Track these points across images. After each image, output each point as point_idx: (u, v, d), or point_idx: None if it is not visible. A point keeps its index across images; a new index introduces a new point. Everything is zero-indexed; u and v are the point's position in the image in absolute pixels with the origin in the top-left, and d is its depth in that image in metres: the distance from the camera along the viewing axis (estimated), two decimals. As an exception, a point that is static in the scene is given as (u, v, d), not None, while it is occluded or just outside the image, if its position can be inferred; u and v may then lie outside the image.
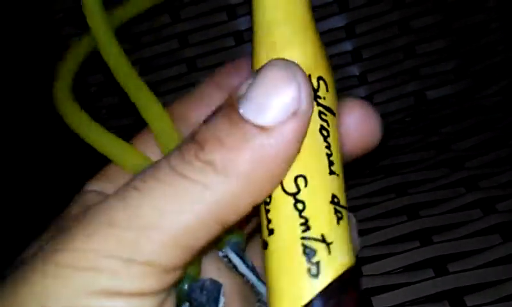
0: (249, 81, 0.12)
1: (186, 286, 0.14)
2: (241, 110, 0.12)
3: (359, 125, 0.14)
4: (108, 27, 0.16)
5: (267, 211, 0.12)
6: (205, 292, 0.14)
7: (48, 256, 0.12)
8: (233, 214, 0.12)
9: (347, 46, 0.42)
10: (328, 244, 0.12)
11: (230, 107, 0.12)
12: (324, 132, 0.12)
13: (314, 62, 0.13)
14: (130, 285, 0.11)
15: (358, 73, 0.42)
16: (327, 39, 0.42)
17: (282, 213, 0.12)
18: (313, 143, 0.12)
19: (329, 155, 0.12)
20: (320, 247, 0.12)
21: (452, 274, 0.28)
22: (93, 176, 0.16)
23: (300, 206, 0.12)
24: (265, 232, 0.12)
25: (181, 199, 0.11)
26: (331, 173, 0.12)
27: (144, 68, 0.43)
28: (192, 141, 0.12)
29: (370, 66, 0.42)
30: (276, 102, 0.11)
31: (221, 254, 0.16)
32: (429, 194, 0.33)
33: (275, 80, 0.12)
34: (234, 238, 0.16)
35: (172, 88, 0.42)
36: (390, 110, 0.42)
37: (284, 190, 0.12)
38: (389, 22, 0.42)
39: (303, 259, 0.12)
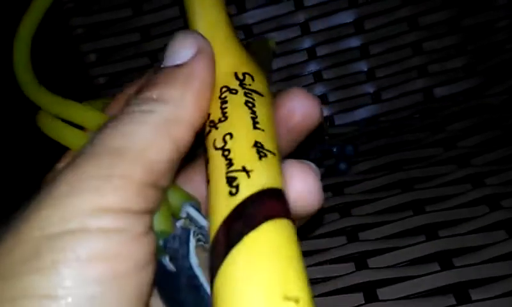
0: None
1: (161, 242, 0.16)
2: (162, 65, 0.17)
3: (300, 105, 0.18)
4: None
5: (207, 168, 0.16)
6: (177, 239, 0.16)
7: (42, 189, 0.14)
8: (180, 128, 0.15)
9: (356, 42, 0.42)
10: (248, 172, 0.15)
11: (154, 68, 0.17)
12: (249, 104, 0.16)
13: (239, 63, 0.18)
14: (114, 199, 0.14)
15: (366, 69, 0.42)
16: (335, 35, 0.42)
17: (214, 164, 0.15)
18: (239, 111, 0.16)
19: (253, 118, 0.16)
20: (240, 175, 0.15)
21: (458, 268, 0.28)
22: None
23: (226, 153, 0.15)
24: (207, 182, 0.16)
25: (137, 125, 0.15)
26: (256, 128, 0.16)
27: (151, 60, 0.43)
28: (133, 94, 0.16)
29: (379, 63, 0.42)
30: (183, 46, 0.17)
31: (183, 215, 0.17)
32: (435, 190, 0.33)
33: (180, 36, 0.17)
34: (183, 198, 0.17)
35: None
36: (397, 107, 0.42)
37: (215, 147, 0.16)
38: (398, 18, 0.42)
39: (226, 185, 0.15)
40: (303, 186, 0.16)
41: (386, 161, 0.37)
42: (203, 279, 0.15)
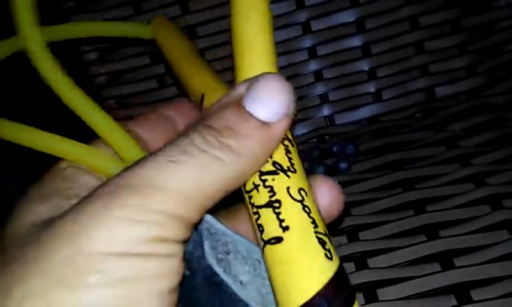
0: (246, 85, 0.16)
1: None
2: (247, 107, 0.16)
3: (325, 197, 0.18)
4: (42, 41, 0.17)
5: (278, 213, 0.15)
6: (190, 242, 0.17)
7: (102, 213, 0.14)
8: (237, 184, 0.15)
9: (357, 41, 0.42)
10: (329, 238, 0.15)
11: (237, 103, 0.16)
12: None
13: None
14: (169, 233, 0.14)
15: (367, 69, 0.42)
16: (336, 34, 0.42)
17: (295, 214, 0.15)
18: (302, 173, 0.16)
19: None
20: (326, 239, 0.15)
21: (459, 268, 0.28)
22: None
23: (307, 209, 0.15)
24: (276, 229, 0.15)
25: (204, 170, 0.15)
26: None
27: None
28: (207, 127, 0.15)
29: (380, 62, 0.42)
30: (276, 102, 0.16)
31: (204, 226, 0.17)
32: (436, 190, 0.33)
33: (275, 86, 0.16)
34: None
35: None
36: (398, 106, 0.42)
37: (292, 198, 0.15)
38: (399, 18, 0.42)
39: (320, 247, 0.15)
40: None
41: (387, 160, 0.37)
42: (223, 275, 0.16)
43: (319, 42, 0.42)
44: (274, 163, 0.16)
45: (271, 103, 0.16)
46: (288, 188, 0.15)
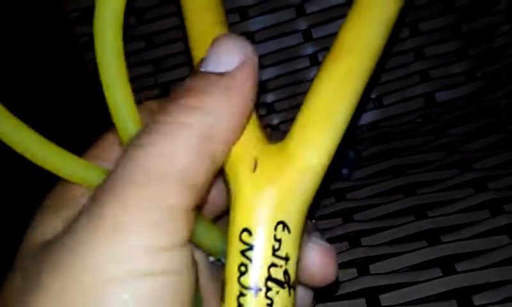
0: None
1: None
2: (202, 69, 0.15)
3: (318, 263, 0.17)
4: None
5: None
6: None
7: (94, 225, 0.13)
8: (218, 146, 0.14)
9: (357, 48, 0.42)
10: None
11: (193, 70, 0.15)
12: None
13: None
14: (164, 237, 0.13)
15: (367, 75, 0.42)
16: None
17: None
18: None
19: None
20: None
21: (460, 274, 0.28)
22: None
23: None
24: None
25: (176, 143, 0.14)
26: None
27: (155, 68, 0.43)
28: (169, 100, 0.15)
29: (380, 68, 0.42)
30: (227, 50, 0.15)
31: (211, 259, 0.17)
32: (437, 195, 0.33)
33: (222, 38, 0.15)
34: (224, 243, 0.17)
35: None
36: (399, 112, 0.42)
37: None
38: (399, 24, 0.42)
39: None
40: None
41: (388, 166, 0.37)
42: None
43: (319, 49, 0.42)
44: (285, 272, 0.15)
45: (222, 54, 0.15)
46: None
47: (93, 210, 0.13)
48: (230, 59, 0.15)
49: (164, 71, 0.43)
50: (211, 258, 0.17)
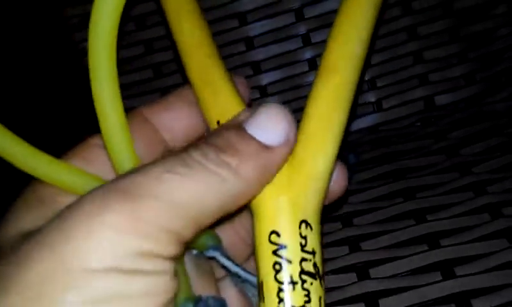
0: (247, 111, 0.17)
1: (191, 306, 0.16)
2: (248, 130, 0.16)
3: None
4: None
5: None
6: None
7: (92, 216, 0.14)
8: (234, 206, 0.15)
9: (357, 52, 0.42)
10: None
11: (238, 125, 0.16)
12: None
13: None
14: (159, 248, 0.14)
15: (367, 79, 0.43)
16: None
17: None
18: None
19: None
20: None
21: (460, 278, 0.28)
22: None
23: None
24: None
25: (201, 184, 0.15)
26: None
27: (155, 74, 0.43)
28: (208, 143, 0.15)
29: (380, 72, 0.42)
30: (277, 127, 0.16)
31: (208, 254, 0.18)
32: (437, 199, 0.33)
33: (276, 112, 0.16)
34: (211, 240, 0.18)
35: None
36: (398, 116, 0.42)
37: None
38: (398, 28, 0.42)
39: None
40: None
41: (387, 170, 0.37)
42: None
43: (319, 54, 0.43)
44: (315, 265, 0.16)
45: (271, 127, 0.16)
46: (320, 298, 0.16)
47: (74, 205, 0.14)
48: (277, 134, 0.16)
49: (164, 76, 0.43)
50: (194, 251, 0.18)
